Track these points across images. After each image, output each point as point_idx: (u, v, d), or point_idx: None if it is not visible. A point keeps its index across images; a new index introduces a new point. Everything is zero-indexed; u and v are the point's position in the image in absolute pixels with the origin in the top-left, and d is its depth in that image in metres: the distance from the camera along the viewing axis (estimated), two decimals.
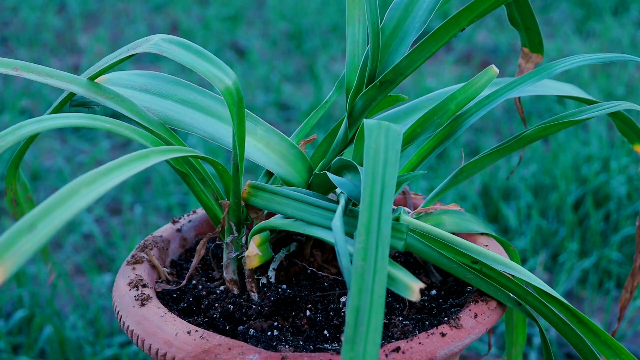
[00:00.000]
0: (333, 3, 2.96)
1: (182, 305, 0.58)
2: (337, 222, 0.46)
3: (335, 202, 0.55)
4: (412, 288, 0.44)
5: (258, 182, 0.58)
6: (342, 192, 0.53)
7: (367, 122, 0.45)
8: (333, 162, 0.56)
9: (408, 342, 0.51)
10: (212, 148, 1.70)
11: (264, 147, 0.60)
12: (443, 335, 0.52)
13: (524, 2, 0.65)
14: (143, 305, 0.55)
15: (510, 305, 0.56)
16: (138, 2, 3.06)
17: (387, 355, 0.49)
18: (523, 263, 1.39)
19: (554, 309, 0.55)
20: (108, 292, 1.32)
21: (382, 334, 0.46)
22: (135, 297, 0.56)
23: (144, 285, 0.58)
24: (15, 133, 0.45)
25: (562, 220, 1.54)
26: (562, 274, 1.40)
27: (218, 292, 0.59)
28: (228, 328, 0.56)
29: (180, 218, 0.69)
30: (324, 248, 0.62)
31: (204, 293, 0.59)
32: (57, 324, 1.20)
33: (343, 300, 0.57)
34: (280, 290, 0.58)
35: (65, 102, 0.60)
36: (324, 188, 0.58)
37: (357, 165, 0.50)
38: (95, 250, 1.46)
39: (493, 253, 0.58)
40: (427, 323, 0.55)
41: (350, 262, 0.42)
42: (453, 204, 0.65)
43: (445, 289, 0.60)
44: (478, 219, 0.66)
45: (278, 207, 0.55)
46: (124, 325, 0.55)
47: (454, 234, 0.58)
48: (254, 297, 0.58)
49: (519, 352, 0.75)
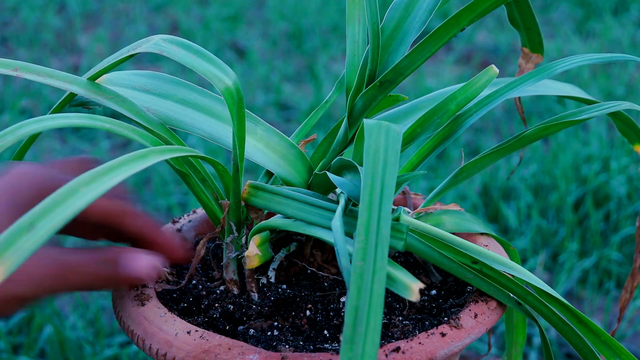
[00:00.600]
0: (333, 3, 2.96)
1: (182, 305, 0.58)
2: (336, 222, 0.46)
3: (335, 202, 0.55)
4: (411, 288, 0.44)
5: (258, 182, 0.58)
6: (342, 192, 0.53)
7: (367, 122, 0.45)
8: (333, 162, 0.56)
9: (408, 342, 0.51)
10: (212, 148, 1.70)
11: (264, 147, 0.60)
12: (443, 335, 0.52)
13: (524, 2, 0.65)
14: (143, 305, 0.55)
15: (511, 306, 0.56)
16: (138, 2, 3.06)
17: (387, 355, 0.49)
18: (523, 263, 1.39)
19: (554, 309, 0.55)
20: (108, 292, 1.32)
21: (381, 334, 0.46)
22: (135, 297, 0.56)
23: (144, 285, 0.58)
24: (15, 133, 0.45)
25: (562, 220, 1.54)
26: (562, 274, 1.40)
27: (218, 292, 0.59)
28: (228, 328, 0.56)
29: (180, 218, 0.69)
30: (324, 248, 0.62)
31: (204, 293, 0.59)
32: (57, 324, 1.20)
33: (343, 300, 0.57)
34: (280, 290, 0.58)
35: (66, 102, 0.60)
36: (324, 188, 0.58)
37: (357, 165, 0.50)
38: None
39: (493, 253, 0.58)
40: (427, 323, 0.55)
41: (350, 262, 0.42)
42: (453, 204, 0.65)
43: (445, 289, 0.60)
44: (478, 219, 0.66)
45: (278, 207, 0.55)
46: (124, 325, 0.55)
47: (454, 234, 0.58)
48: (254, 297, 0.58)
49: (519, 352, 0.75)
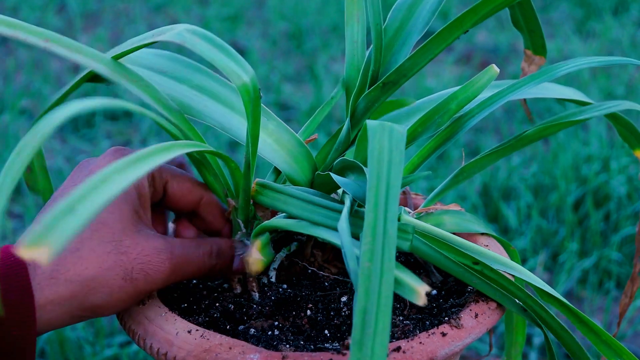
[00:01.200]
0: (333, 3, 2.96)
1: (183, 305, 0.58)
2: (343, 224, 0.46)
3: (339, 202, 0.55)
4: (418, 292, 0.44)
5: (266, 180, 0.58)
6: (345, 192, 0.53)
7: (370, 123, 0.45)
8: (336, 162, 0.56)
9: (409, 341, 0.51)
10: (218, 134, 1.69)
11: (274, 142, 0.60)
12: (444, 335, 0.52)
13: (528, 4, 0.65)
14: (144, 304, 0.55)
15: (514, 310, 0.56)
16: (138, 2, 3.06)
17: (387, 355, 0.49)
18: (523, 263, 1.39)
19: (554, 312, 0.55)
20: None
21: None
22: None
23: None
24: (61, 113, 0.46)
25: (562, 220, 1.54)
26: (562, 274, 1.40)
27: (219, 291, 0.59)
28: (229, 327, 0.56)
29: None
30: (325, 248, 0.62)
31: (205, 292, 0.59)
32: None
33: (344, 300, 0.57)
34: (281, 290, 0.58)
35: (82, 82, 0.60)
36: (327, 188, 0.58)
37: (361, 166, 0.50)
38: None
39: (494, 253, 0.58)
40: (427, 323, 0.55)
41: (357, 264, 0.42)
42: (453, 204, 0.65)
43: (446, 289, 0.60)
44: (478, 219, 0.66)
45: (283, 206, 0.56)
46: (125, 325, 0.55)
47: (455, 234, 0.58)
48: (255, 296, 0.58)
49: (519, 352, 0.75)
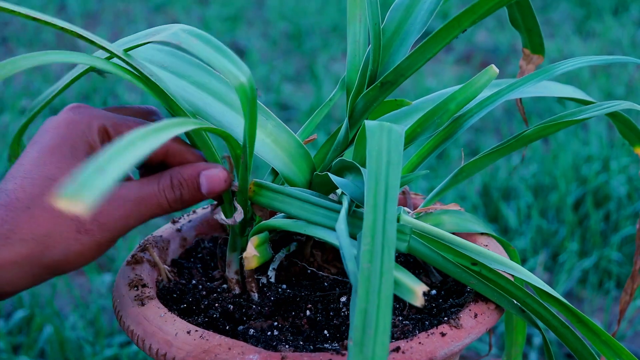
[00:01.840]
0: (333, 3, 2.96)
1: (182, 305, 0.58)
2: (341, 225, 0.46)
3: (337, 202, 0.55)
4: (415, 292, 0.44)
5: (263, 180, 0.58)
6: (343, 193, 0.53)
7: (368, 123, 0.45)
8: (334, 163, 0.56)
9: (408, 342, 0.51)
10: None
11: (272, 142, 0.60)
12: (443, 335, 0.52)
13: (526, 3, 0.65)
14: (143, 305, 0.55)
15: (514, 312, 0.55)
16: (138, 2, 3.06)
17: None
18: (523, 263, 1.39)
19: (554, 311, 0.55)
20: (108, 292, 1.32)
21: None
22: (135, 297, 0.56)
23: (144, 285, 0.58)
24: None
25: (562, 220, 1.54)
26: (562, 274, 1.40)
27: (218, 292, 0.59)
28: (228, 328, 0.56)
29: (180, 218, 0.69)
30: (324, 248, 0.62)
31: (204, 293, 0.59)
32: (57, 324, 1.20)
33: (343, 300, 0.57)
34: (280, 290, 0.58)
35: (85, 72, 0.60)
36: (325, 189, 0.58)
37: (359, 167, 0.50)
38: None
39: (493, 253, 0.58)
40: (427, 323, 0.55)
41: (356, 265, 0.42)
42: (453, 204, 0.65)
43: (445, 289, 0.60)
44: (478, 219, 0.66)
45: (282, 205, 0.55)
46: (124, 325, 0.55)
47: (454, 234, 0.58)
48: (254, 297, 0.58)
49: (519, 352, 0.75)
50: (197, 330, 0.52)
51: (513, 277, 0.57)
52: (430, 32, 0.55)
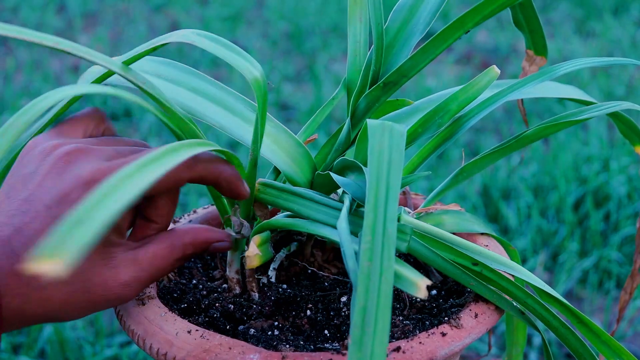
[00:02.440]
0: (333, 3, 2.96)
1: (182, 305, 0.58)
2: (342, 223, 0.46)
3: (339, 201, 0.55)
4: (418, 285, 0.44)
5: (266, 179, 0.59)
6: (345, 192, 0.53)
7: (370, 122, 0.45)
8: (336, 162, 0.56)
9: (408, 341, 0.51)
10: (217, 134, 1.69)
11: (272, 143, 0.60)
12: (443, 335, 0.52)
13: (529, 4, 0.65)
14: (144, 305, 0.55)
15: (513, 314, 0.56)
16: (138, 2, 3.06)
17: (387, 355, 0.49)
18: (523, 263, 1.39)
19: (554, 312, 0.55)
20: None
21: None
22: (136, 296, 0.56)
23: None
24: (54, 97, 0.46)
25: (562, 220, 1.54)
26: (562, 274, 1.40)
27: (219, 291, 0.59)
28: (228, 327, 0.56)
29: (180, 218, 0.69)
30: (325, 248, 0.62)
31: (205, 293, 0.59)
32: (57, 324, 1.20)
33: (343, 300, 0.57)
34: (281, 290, 0.58)
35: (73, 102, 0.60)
36: (327, 188, 0.58)
37: (361, 166, 0.50)
38: None
39: (493, 253, 0.58)
40: (427, 323, 0.55)
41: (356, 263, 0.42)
42: (453, 204, 0.65)
43: (446, 289, 0.60)
44: (478, 219, 0.66)
45: (285, 203, 0.56)
46: (125, 325, 0.55)
47: (454, 234, 0.58)
48: (255, 296, 0.58)
49: (520, 352, 0.75)
50: (197, 330, 0.52)
51: (513, 277, 0.57)
52: (433, 33, 0.55)
